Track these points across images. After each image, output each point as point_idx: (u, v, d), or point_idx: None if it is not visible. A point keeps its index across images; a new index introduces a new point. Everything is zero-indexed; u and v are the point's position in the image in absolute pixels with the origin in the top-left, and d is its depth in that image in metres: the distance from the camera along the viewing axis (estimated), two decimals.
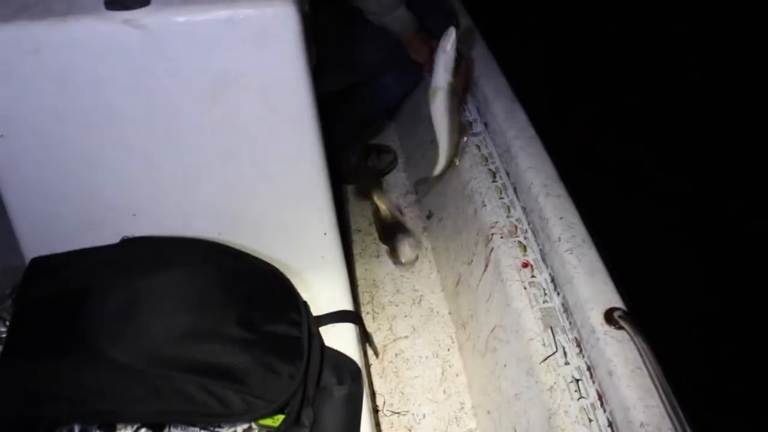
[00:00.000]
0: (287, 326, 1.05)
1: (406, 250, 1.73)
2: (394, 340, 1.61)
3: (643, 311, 1.00)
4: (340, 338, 1.17)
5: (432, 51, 1.56)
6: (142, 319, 1.00)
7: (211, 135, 1.01)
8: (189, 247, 1.13)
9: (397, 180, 2.08)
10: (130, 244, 1.13)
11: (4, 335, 1.08)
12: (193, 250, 1.13)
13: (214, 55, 0.91)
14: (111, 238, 1.13)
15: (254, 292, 1.09)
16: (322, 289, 1.23)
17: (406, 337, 1.62)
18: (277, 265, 1.17)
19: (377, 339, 1.60)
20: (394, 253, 1.74)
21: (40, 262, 1.13)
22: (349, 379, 1.09)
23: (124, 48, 0.88)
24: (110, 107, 0.96)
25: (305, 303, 1.13)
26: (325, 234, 1.19)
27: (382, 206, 1.82)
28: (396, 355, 1.57)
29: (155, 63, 0.90)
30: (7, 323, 1.07)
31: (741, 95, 2.72)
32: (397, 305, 1.70)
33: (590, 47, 3.03)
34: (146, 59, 0.90)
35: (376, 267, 1.80)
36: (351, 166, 2.01)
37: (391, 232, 1.77)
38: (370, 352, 1.52)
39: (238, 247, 1.16)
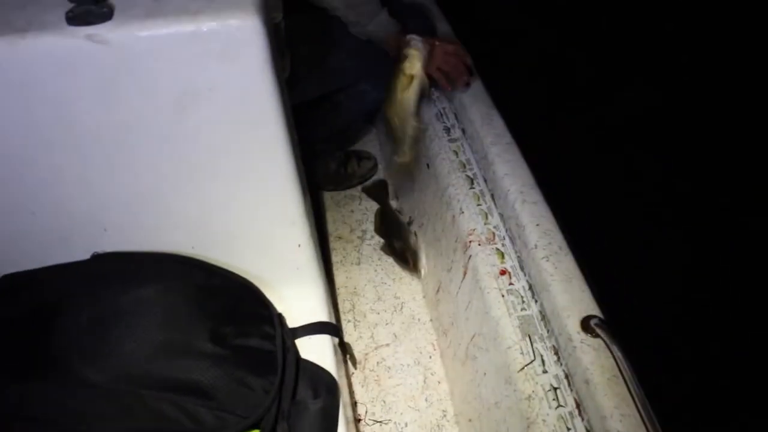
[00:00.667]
0: (260, 340, 1.04)
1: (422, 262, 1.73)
2: (376, 348, 1.60)
3: (619, 319, 1.00)
4: (317, 350, 1.16)
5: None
6: (114, 337, 0.99)
7: (181, 149, 0.99)
8: (161, 261, 1.12)
9: None
10: (101, 259, 1.12)
11: None
12: (164, 264, 1.11)
13: (179, 69, 0.89)
14: (81, 253, 1.12)
15: (227, 306, 1.08)
16: (298, 300, 1.22)
17: (387, 344, 1.61)
18: (251, 279, 1.15)
19: (358, 347, 1.60)
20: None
21: (9, 279, 1.12)
22: (325, 392, 1.07)
23: (88, 64, 0.86)
24: (77, 123, 0.94)
25: (280, 315, 1.12)
26: (299, 246, 1.18)
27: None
28: (377, 363, 1.57)
29: (120, 78, 0.89)
30: None
31: (717, 94, 2.73)
32: (378, 313, 1.69)
33: (570, 51, 3.03)
34: (111, 74, 0.88)
35: (357, 274, 1.79)
36: (330, 173, 2.01)
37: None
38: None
39: (211, 260, 1.15)
